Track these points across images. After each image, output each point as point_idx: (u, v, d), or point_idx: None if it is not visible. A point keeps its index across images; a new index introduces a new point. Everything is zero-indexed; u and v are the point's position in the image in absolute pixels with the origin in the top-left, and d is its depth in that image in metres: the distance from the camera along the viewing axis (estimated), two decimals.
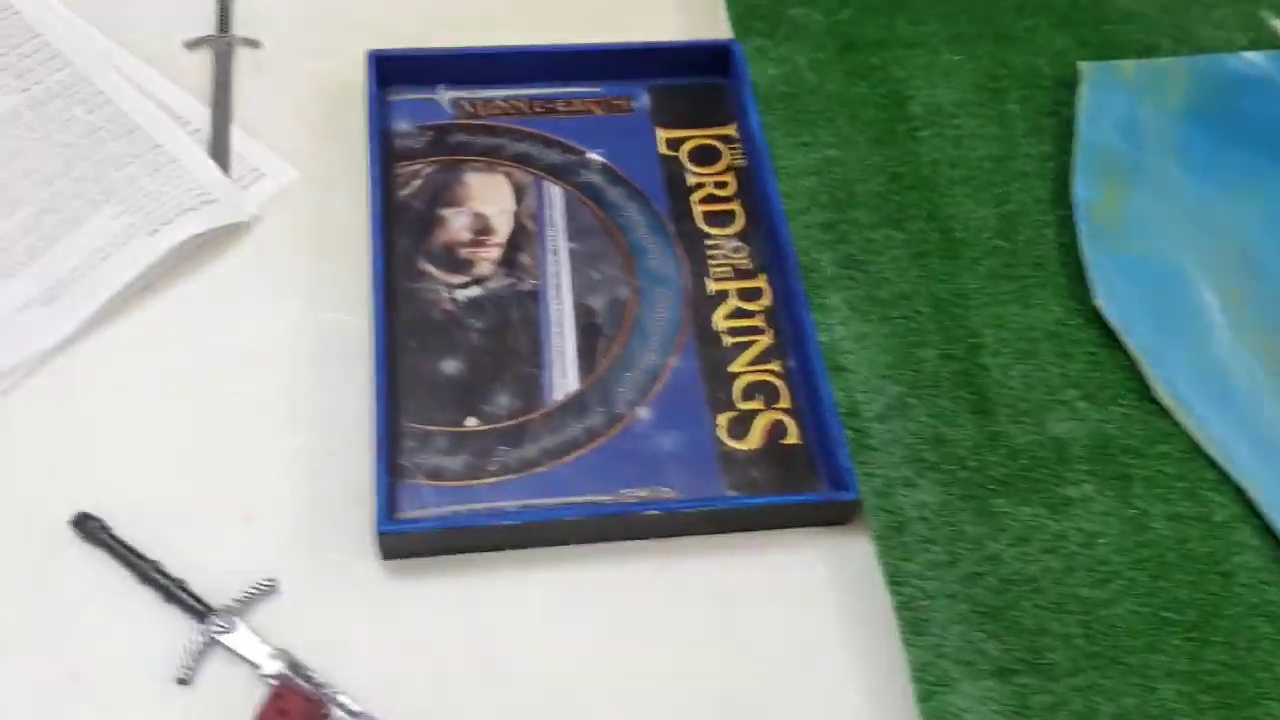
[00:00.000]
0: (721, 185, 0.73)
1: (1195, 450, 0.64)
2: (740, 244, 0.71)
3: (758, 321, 0.68)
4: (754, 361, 0.66)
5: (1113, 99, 0.77)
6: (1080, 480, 0.62)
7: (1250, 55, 0.80)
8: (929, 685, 0.56)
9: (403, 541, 0.58)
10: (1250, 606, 0.59)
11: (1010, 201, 0.73)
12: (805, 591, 0.60)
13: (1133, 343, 0.67)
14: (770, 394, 0.65)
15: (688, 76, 0.77)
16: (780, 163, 0.73)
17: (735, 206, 0.72)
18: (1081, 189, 0.73)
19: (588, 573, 0.59)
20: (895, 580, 0.58)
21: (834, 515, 0.61)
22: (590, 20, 0.81)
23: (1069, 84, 0.79)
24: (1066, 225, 0.72)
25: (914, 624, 0.57)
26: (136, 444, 0.62)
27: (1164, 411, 0.65)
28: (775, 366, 0.66)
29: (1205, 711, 0.56)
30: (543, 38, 0.80)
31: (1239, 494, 0.63)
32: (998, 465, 0.62)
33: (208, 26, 0.78)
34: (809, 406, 0.64)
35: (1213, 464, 0.64)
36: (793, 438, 0.64)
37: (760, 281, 0.69)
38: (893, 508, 0.60)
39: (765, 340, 0.67)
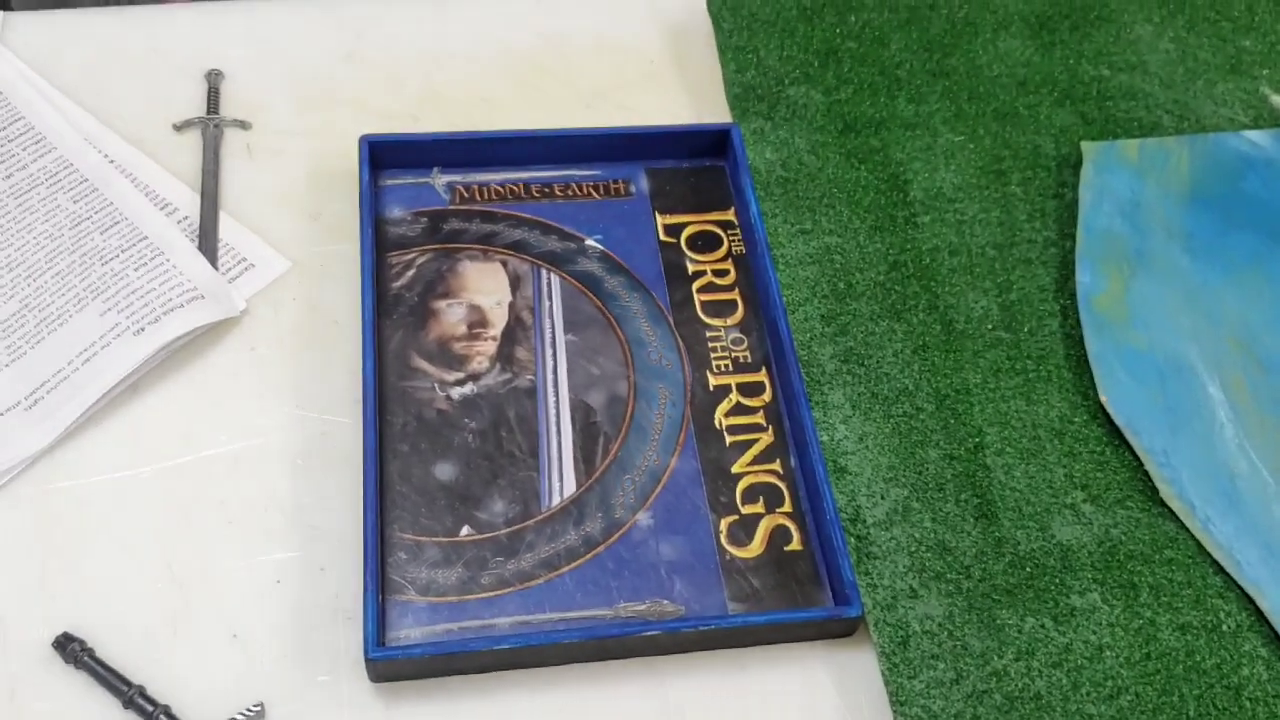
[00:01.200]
0: (721, 274, 0.72)
1: (1202, 555, 0.63)
2: (740, 336, 0.70)
3: (759, 419, 0.67)
4: (755, 461, 0.65)
5: (1115, 180, 0.76)
6: (1086, 589, 0.61)
7: (1252, 135, 0.80)
8: None
9: (393, 666, 0.56)
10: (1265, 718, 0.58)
11: (1012, 290, 0.72)
12: (808, 707, 0.58)
13: (1139, 442, 0.66)
14: (772, 496, 0.64)
15: (687, 159, 0.76)
16: (779, 251, 0.72)
17: (735, 296, 0.71)
18: (1085, 277, 0.72)
19: (586, 692, 0.58)
20: (900, 700, 0.57)
21: (837, 630, 0.60)
22: (587, 98, 0.80)
23: (1072, 163, 0.78)
24: (1069, 315, 0.71)
25: None
26: (119, 555, 0.60)
27: (1170, 514, 0.64)
28: (777, 466, 0.65)
29: None
30: (539, 116, 0.79)
31: (1246, 601, 0.62)
32: (1002, 574, 0.61)
33: (196, 107, 0.77)
34: (811, 511, 0.63)
35: (1220, 570, 0.62)
36: (795, 544, 0.62)
37: (761, 376, 0.68)
38: (897, 621, 0.59)
39: (766, 439, 0.66)
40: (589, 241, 0.73)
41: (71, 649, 0.56)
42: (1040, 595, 0.61)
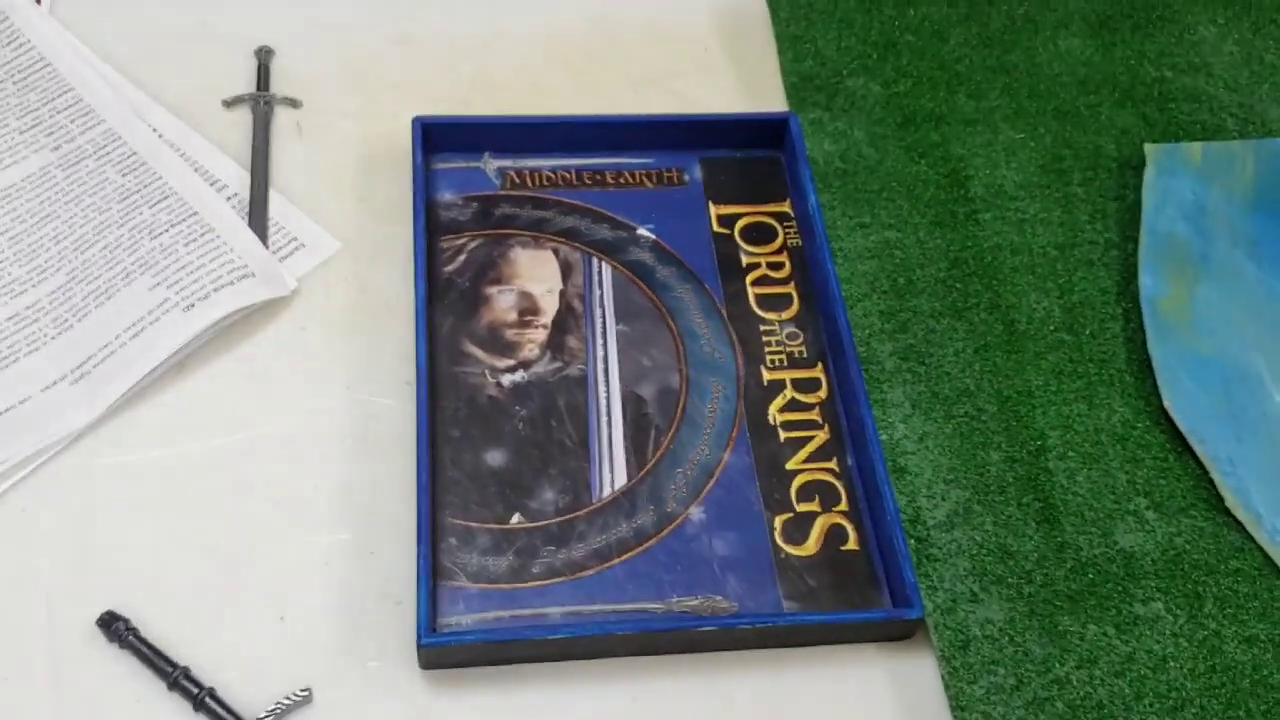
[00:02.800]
0: (776, 267, 0.71)
1: (1269, 566, 0.62)
2: (796, 330, 0.68)
3: (814, 415, 0.65)
4: (811, 458, 0.64)
5: (1179, 184, 0.75)
6: (1150, 598, 0.60)
7: None
8: None
9: (445, 653, 0.55)
10: None
11: (1074, 292, 0.71)
12: (864, 710, 0.57)
13: (1203, 450, 0.64)
14: (828, 495, 0.62)
15: (741, 149, 0.75)
16: (838, 244, 0.71)
17: (790, 290, 0.70)
18: (1148, 281, 0.70)
19: (636, 686, 0.57)
20: (960, 705, 0.56)
21: (896, 632, 0.58)
22: (640, 85, 0.79)
23: (1134, 166, 0.76)
24: (1132, 318, 0.70)
25: None
26: (166, 534, 0.59)
27: (1236, 524, 0.63)
28: (833, 465, 0.64)
29: None
30: (591, 102, 0.78)
31: None
32: (1064, 580, 0.60)
33: (246, 84, 0.76)
34: (869, 510, 0.62)
35: None
36: (852, 544, 0.61)
37: (817, 371, 0.67)
38: (957, 625, 0.58)
39: (822, 436, 0.65)
40: (641, 231, 0.71)
41: (116, 628, 0.55)
42: (1103, 603, 0.59)
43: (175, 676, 0.54)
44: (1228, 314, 0.70)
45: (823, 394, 0.66)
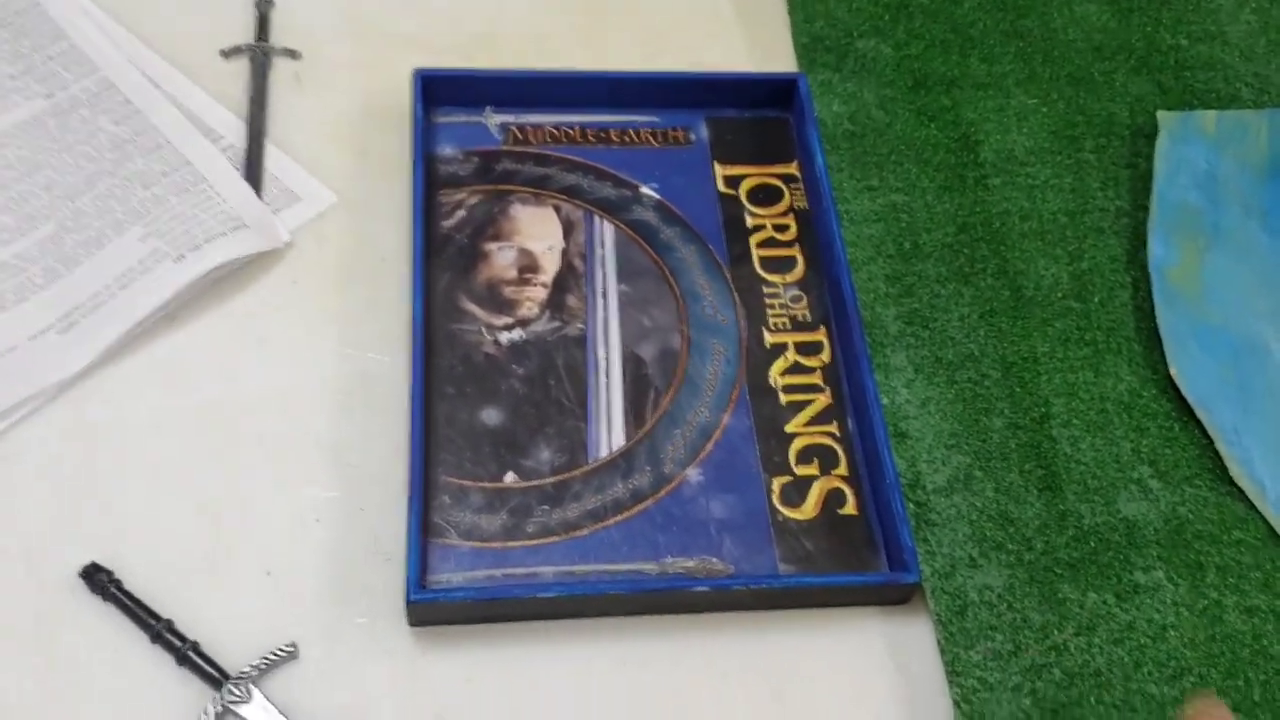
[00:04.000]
0: (782, 229, 0.70)
1: (1272, 537, 0.61)
2: (800, 293, 0.67)
3: (816, 379, 0.64)
4: (811, 422, 0.63)
5: (1192, 152, 0.73)
6: (1151, 566, 0.59)
7: None
8: None
9: (434, 610, 0.54)
10: None
11: (1084, 259, 0.69)
12: (859, 674, 0.56)
13: (1209, 419, 0.63)
14: (827, 458, 0.61)
15: (749, 109, 0.73)
16: (844, 207, 0.69)
17: (795, 252, 0.69)
18: (1158, 249, 0.69)
19: (629, 647, 0.56)
20: (956, 670, 0.55)
21: (893, 596, 0.57)
22: (648, 41, 0.78)
23: (1147, 134, 0.75)
24: (1141, 287, 0.69)
25: (973, 719, 0.54)
26: (153, 487, 0.58)
27: (1240, 494, 0.62)
28: (833, 428, 0.63)
29: None
30: (597, 58, 0.76)
31: None
32: (1065, 547, 0.59)
33: (245, 34, 0.75)
34: (869, 474, 0.61)
35: None
36: (850, 508, 0.60)
37: (820, 335, 0.66)
38: (955, 590, 0.57)
39: (823, 399, 0.63)
40: (644, 189, 0.70)
41: (99, 579, 0.55)
42: (1104, 571, 0.58)
43: (158, 630, 0.54)
44: (1238, 284, 0.69)
45: (825, 357, 0.65)
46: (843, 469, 0.61)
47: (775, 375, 0.64)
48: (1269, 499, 0.61)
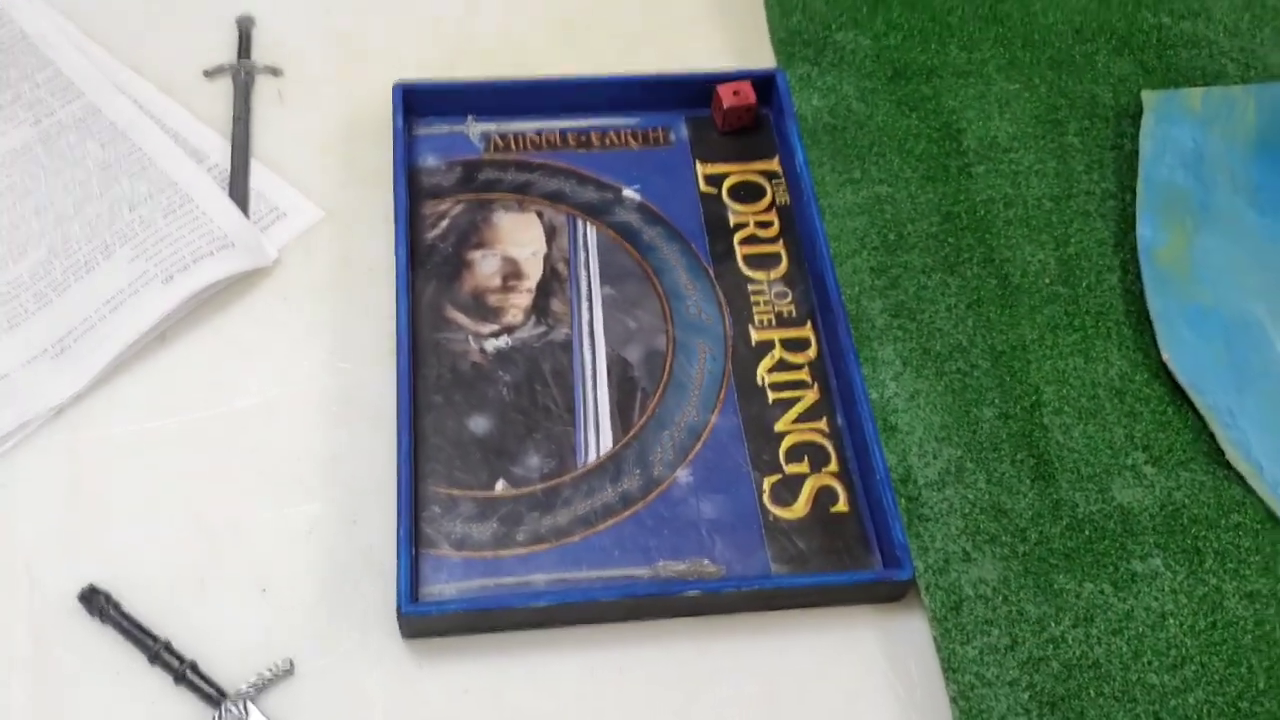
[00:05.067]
0: (765, 225, 0.70)
1: (1271, 520, 0.60)
2: (785, 289, 0.67)
3: (803, 375, 0.64)
4: (800, 419, 0.63)
5: (1178, 131, 0.73)
6: (1148, 554, 0.58)
7: None
8: None
9: (426, 622, 0.54)
10: None
11: (1070, 244, 0.69)
12: (855, 673, 0.56)
13: (1203, 401, 0.63)
14: (818, 456, 0.61)
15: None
16: (826, 200, 0.69)
17: (779, 248, 0.69)
18: (1146, 231, 0.69)
19: (623, 652, 0.56)
20: (953, 667, 0.55)
21: (887, 593, 0.57)
22: (626, 44, 0.77)
23: (1131, 114, 0.74)
24: (1130, 269, 0.68)
25: (971, 715, 0.53)
26: (148, 507, 0.59)
27: (1237, 477, 0.61)
28: (822, 425, 0.63)
29: None
30: (576, 63, 0.76)
31: None
32: (1060, 537, 0.59)
33: (227, 53, 0.75)
34: (859, 471, 0.61)
35: None
36: (842, 505, 0.60)
37: (806, 330, 0.66)
38: (950, 585, 0.57)
39: (811, 396, 0.63)
40: (626, 191, 0.70)
41: (97, 602, 0.55)
42: (1100, 560, 0.58)
43: (156, 650, 0.54)
44: (1228, 263, 0.68)
45: (812, 353, 0.65)
46: (833, 465, 0.61)
47: (762, 373, 0.64)
48: (1266, 481, 0.61)
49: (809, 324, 0.66)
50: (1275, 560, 0.59)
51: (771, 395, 0.63)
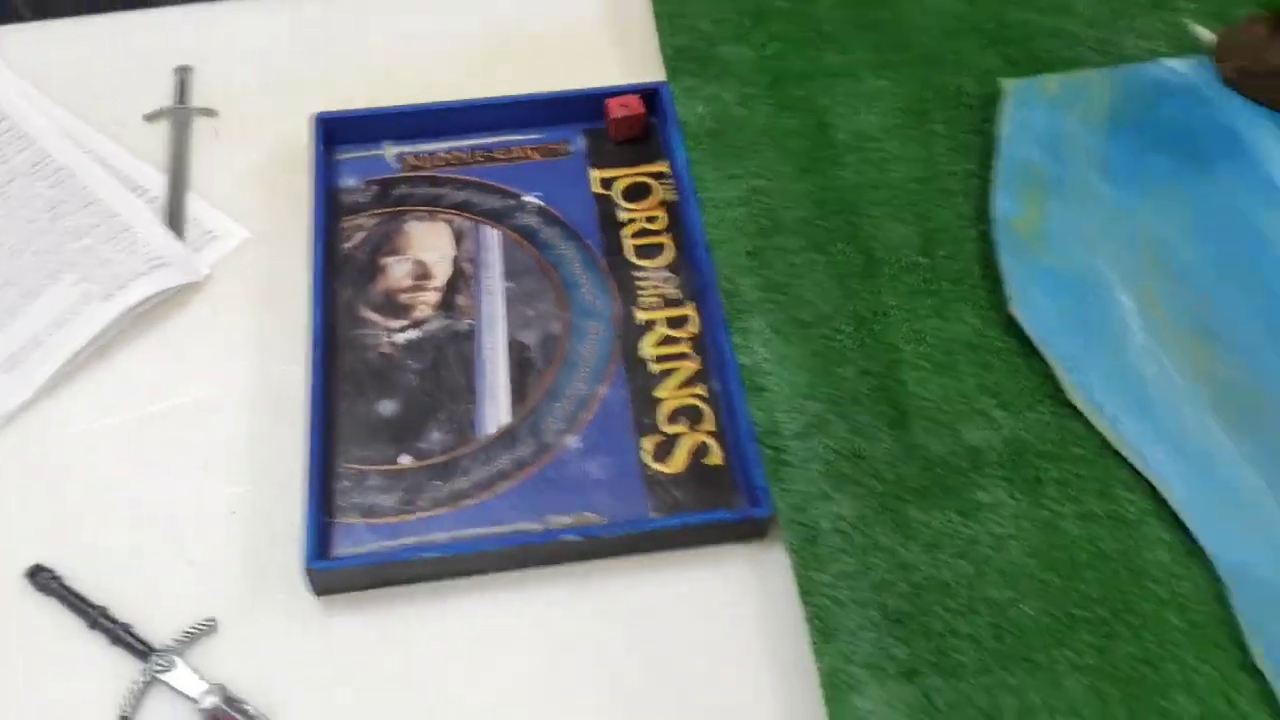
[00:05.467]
0: (653, 219, 0.76)
1: (1108, 451, 0.65)
2: (670, 274, 0.74)
3: (685, 348, 0.70)
4: (681, 386, 0.69)
5: (1035, 114, 0.79)
6: (993, 486, 0.64)
7: (1171, 62, 0.82)
8: (837, 690, 0.57)
9: (334, 577, 0.61)
10: (1160, 601, 0.60)
11: (932, 219, 0.75)
12: (724, 605, 0.62)
13: (1049, 350, 0.69)
14: (695, 417, 0.67)
15: None
16: (707, 194, 0.76)
17: (666, 239, 0.75)
18: (1002, 203, 0.75)
19: (515, 596, 0.62)
20: (806, 590, 0.60)
21: (751, 531, 0.63)
22: (533, 72, 0.84)
23: (995, 102, 0.81)
24: (987, 240, 0.74)
25: (824, 632, 0.59)
26: (90, 498, 0.65)
27: (1079, 416, 0.67)
28: (701, 390, 0.69)
29: (1112, 704, 0.57)
30: (485, 88, 0.83)
31: (1151, 492, 0.64)
32: (913, 477, 0.64)
33: (167, 98, 0.83)
34: (731, 428, 0.67)
35: (1126, 465, 0.65)
36: (715, 459, 0.66)
37: (688, 310, 0.72)
38: (808, 521, 0.62)
39: (692, 366, 0.70)
40: (527, 198, 0.77)
41: (41, 577, 0.62)
42: (948, 493, 0.64)
43: (94, 617, 0.60)
44: (1079, 230, 0.74)
45: (693, 329, 0.71)
46: (709, 425, 0.67)
47: (647, 348, 0.70)
48: (1106, 416, 0.66)
49: (691, 304, 0.72)
50: (1110, 485, 0.64)
51: (655, 367, 0.70)
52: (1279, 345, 0.69)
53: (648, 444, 0.66)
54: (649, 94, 0.80)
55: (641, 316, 0.72)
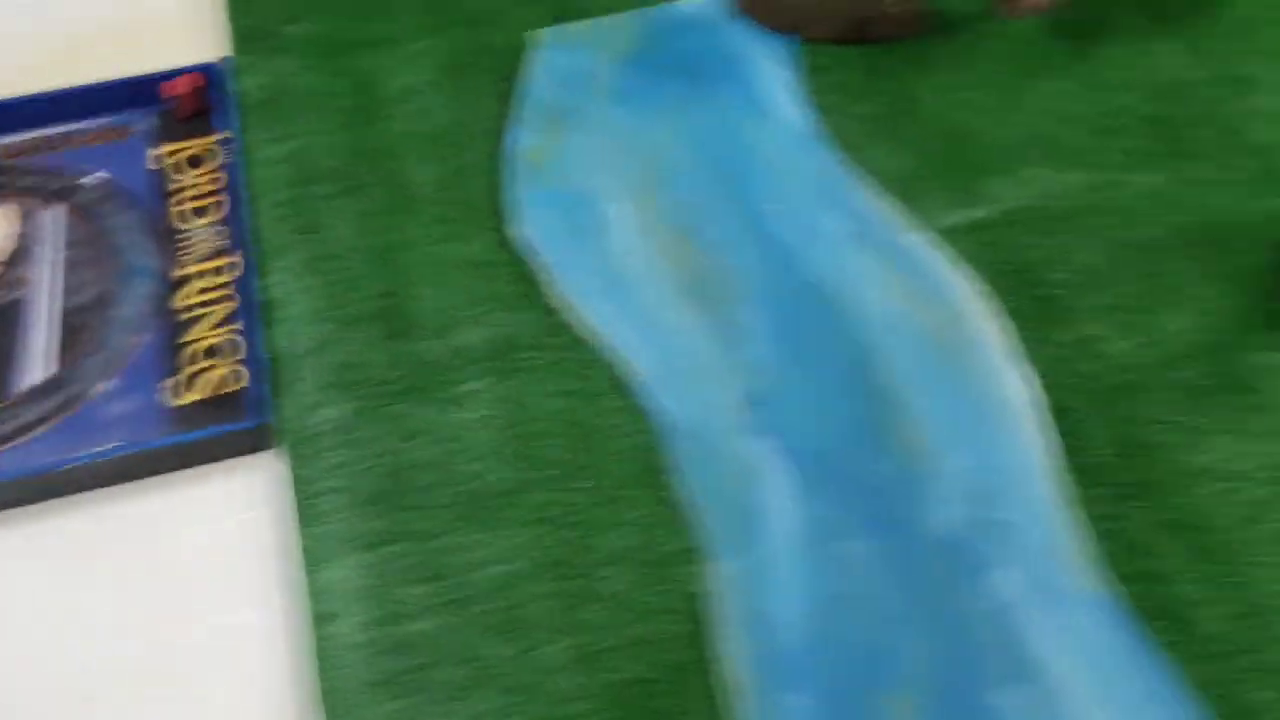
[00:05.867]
0: (214, 183, 0.83)
1: (580, 341, 0.73)
2: (223, 228, 0.81)
3: (226, 292, 0.77)
4: (218, 325, 0.76)
5: (562, 58, 0.88)
6: (476, 378, 0.72)
7: (696, 3, 0.91)
8: (313, 564, 0.64)
9: None
10: (607, 455, 0.68)
11: (460, 159, 0.83)
12: (239, 508, 0.68)
13: (542, 258, 0.77)
14: (228, 351, 0.74)
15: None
16: (254, 155, 0.83)
17: (221, 199, 0.82)
18: (520, 138, 0.83)
19: (35, 530, 0.68)
20: (297, 483, 0.67)
21: (256, 442, 0.70)
22: (116, 56, 0.91)
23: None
24: (506, 173, 0.82)
25: (307, 517, 0.66)
26: None
27: (560, 313, 0.75)
28: (238, 327, 0.76)
29: (550, 547, 0.65)
30: (74, 79, 0.89)
31: (621, 370, 0.72)
32: (403, 379, 0.72)
33: None
34: (252, 357, 0.74)
35: (599, 350, 0.73)
36: (239, 385, 0.73)
37: (236, 258, 0.79)
38: (300, 428, 0.69)
39: (230, 306, 0.77)
40: (90, 178, 0.84)
41: None
42: (438, 387, 0.71)
43: None
44: (588, 153, 0.83)
45: (238, 274, 0.78)
46: (238, 357, 0.74)
47: (192, 296, 0.77)
48: (583, 306, 0.74)
49: (239, 253, 0.79)
50: (585, 367, 0.72)
51: (197, 311, 0.76)
52: (753, 238, 0.78)
53: (173, 381, 0.73)
54: (214, 73, 0.87)
55: (186, 270, 0.78)
